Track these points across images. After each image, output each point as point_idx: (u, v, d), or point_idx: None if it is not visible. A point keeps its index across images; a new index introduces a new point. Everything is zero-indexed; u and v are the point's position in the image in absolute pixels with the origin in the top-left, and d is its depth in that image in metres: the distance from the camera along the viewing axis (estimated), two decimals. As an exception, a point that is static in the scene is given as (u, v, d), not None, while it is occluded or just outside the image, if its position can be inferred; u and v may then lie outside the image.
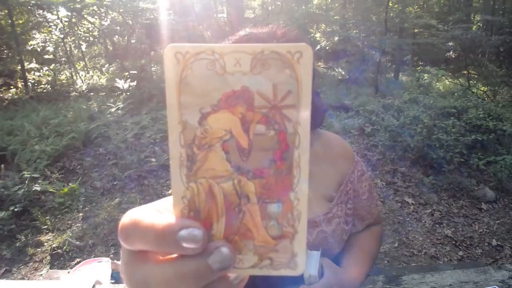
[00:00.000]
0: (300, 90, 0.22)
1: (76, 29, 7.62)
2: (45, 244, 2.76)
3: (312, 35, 9.47)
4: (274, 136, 0.23)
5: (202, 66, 0.22)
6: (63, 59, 7.78)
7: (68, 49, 7.98)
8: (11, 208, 2.96)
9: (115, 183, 3.57)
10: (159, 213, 0.24)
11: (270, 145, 0.23)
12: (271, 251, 0.24)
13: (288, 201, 0.23)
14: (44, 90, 6.80)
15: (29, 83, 6.83)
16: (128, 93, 5.97)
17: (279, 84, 0.22)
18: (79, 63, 8.25)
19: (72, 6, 6.01)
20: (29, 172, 3.41)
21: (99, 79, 7.42)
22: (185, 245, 0.21)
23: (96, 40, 8.19)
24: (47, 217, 3.02)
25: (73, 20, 7.15)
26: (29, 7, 6.60)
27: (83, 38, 7.95)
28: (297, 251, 0.23)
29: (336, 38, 8.87)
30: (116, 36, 7.98)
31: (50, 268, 2.51)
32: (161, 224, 0.22)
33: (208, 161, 0.23)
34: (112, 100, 5.59)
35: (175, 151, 0.23)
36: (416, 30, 9.19)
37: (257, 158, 0.23)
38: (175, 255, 0.23)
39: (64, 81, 7.28)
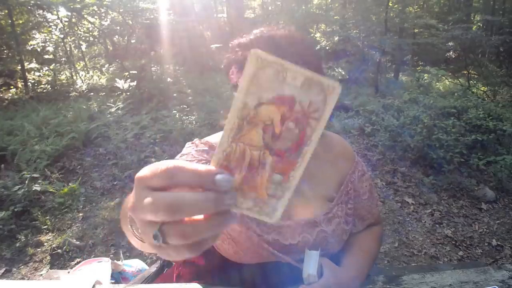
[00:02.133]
0: (323, 111, 0.32)
1: (76, 29, 7.61)
2: (45, 244, 2.76)
3: (312, 35, 9.46)
4: (298, 133, 0.33)
5: (271, 71, 0.31)
6: (63, 59, 7.76)
7: (68, 49, 7.97)
8: (11, 208, 2.96)
9: (115, 183, 3.57)
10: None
11: (293, 138, 0.33)
12: (262, 203, 0.35)
13: (287, 176, 0.35)
14: (44, 90, 6.79)
15: (29, 83, 6.82)
16: (128, 93, 5.96)
17: (313, 102, 0.32)
18: (79, 63, 8.24)
19: (72, 6, 6.00)
20: (29, 172, 3.41)
21: (99, 79, 7.40)
22: (218, 184, 0.31)
23: (96, 40, 8.17)
24: (47, 217, 3.02)
25: (73, 20, 7.14)
26: (29, 7, 6.59)
27: (83, 38, 7.93)
28: (277, 207, 0.35)
29: (336, 38, 8.85)
30: (116, 36, 7.96)
31: (50, 268, 2.51)
32: (204, 169, 0.31)
33: (250, 134, 0.33)
34: (112, 100, 5.58)
35: (233, 119, 0.32)
36: (416, 30, 9.19)
37: (282, 143, 0.33)
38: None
39: (64, 81, 7.26)
